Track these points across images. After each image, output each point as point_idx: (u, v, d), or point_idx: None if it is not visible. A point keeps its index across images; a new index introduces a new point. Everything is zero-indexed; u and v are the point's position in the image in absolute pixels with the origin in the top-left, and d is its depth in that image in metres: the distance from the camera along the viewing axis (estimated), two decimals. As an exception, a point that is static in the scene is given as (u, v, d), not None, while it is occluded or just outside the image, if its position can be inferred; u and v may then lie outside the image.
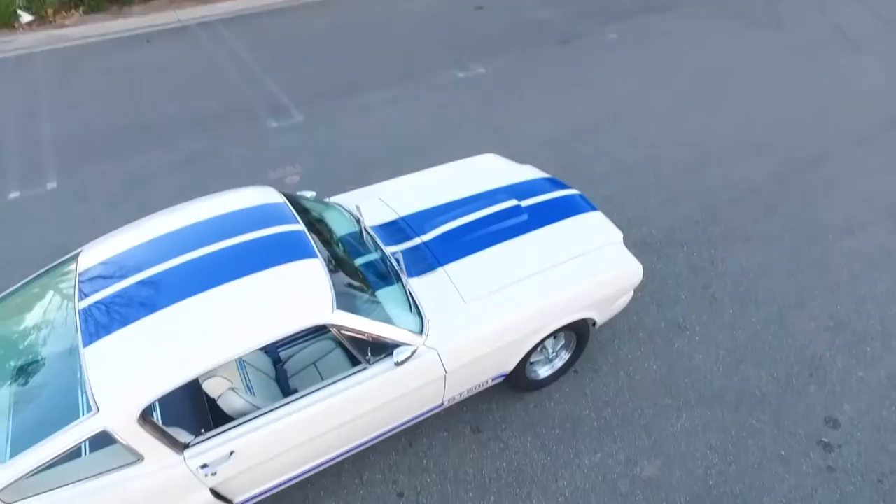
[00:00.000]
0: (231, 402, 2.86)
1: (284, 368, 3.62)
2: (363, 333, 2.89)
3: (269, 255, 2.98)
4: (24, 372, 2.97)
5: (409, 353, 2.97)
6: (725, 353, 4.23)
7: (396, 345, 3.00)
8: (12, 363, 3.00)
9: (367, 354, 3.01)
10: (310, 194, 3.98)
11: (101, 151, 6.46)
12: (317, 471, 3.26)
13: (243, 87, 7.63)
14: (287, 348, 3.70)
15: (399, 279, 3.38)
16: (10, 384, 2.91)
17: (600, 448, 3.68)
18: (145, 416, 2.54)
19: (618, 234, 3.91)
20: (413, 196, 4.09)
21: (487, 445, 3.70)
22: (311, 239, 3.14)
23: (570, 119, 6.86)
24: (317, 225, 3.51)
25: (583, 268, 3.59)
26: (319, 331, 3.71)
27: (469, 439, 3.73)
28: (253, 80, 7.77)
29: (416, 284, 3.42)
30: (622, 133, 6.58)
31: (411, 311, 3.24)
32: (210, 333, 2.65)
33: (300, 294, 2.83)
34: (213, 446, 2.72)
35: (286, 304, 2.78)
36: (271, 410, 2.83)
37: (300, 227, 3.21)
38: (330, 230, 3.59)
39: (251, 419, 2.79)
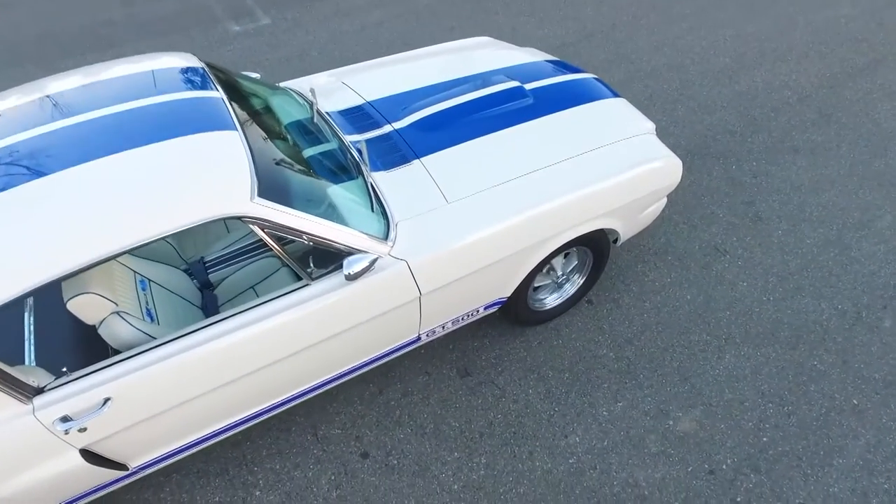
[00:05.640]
0: (115, 330, 2.03)
1: (214, 294, 2.78)
2: (299, 234, 2.04)
3: (172, 123, 2.11)
4: None
5: (366, 264, 2.12)
6: (776, 280, 3.40)
7: (350, 252, 2.16)
8: None
9: (310, 266, 2.17)
10: (253, 76, 3.07)
11: (32, 59, 5.48)
12: (251, 423, 2.46)
13: (200, -12, 6.56)
14: (219, 269, 2.85)
15: (360, 173, 2.52)
16: None
17: (622, 396, 2.88)
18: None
19: (649, 124, 3.01)
20: (386, 78, 3.18)
21: (478, 392, 2.90)
22: (232, 110, 2.26)
23: (580, 22, 5.86)
24: (257, 109, 2.61)
25: (605, 161, 2.72)
26: (258, 246, 2.88)
27: (455, 385, 2.93)
28: (212, -20, 6.69)
29: (382, 179, 2.56)
30: (642, 38, 5.59)
31: (373, 210, 2.38)
32: (74, 222, 1.79)
33: (207, 174, 1.97)
34: (78, 391, 1.89)
35: (187, 185, 1.92)
36: (167, 342, 2.00)
37: (218, 94, 2.32)
38: (275, 118, 2.69)
39: (135, 354, 1.97)
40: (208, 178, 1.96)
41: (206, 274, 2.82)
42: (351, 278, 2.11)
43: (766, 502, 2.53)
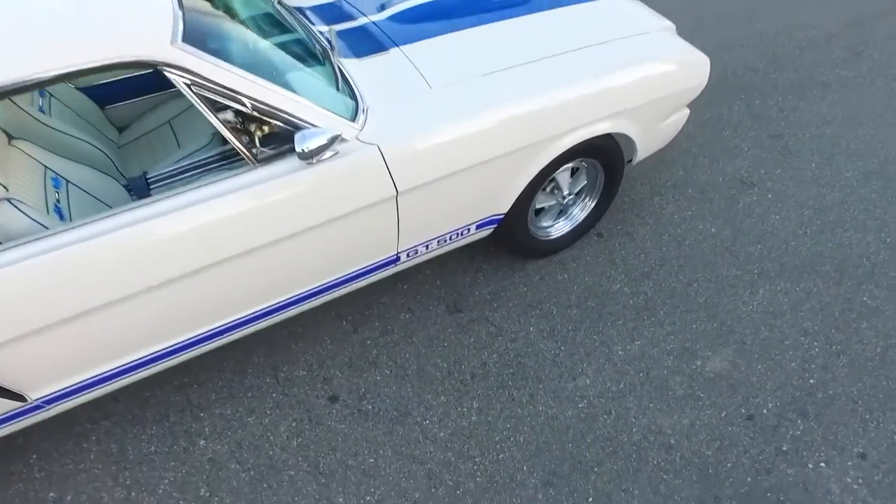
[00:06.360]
0: (2, 219, 1.60)
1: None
2: (236, 96, 1.62)
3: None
4: None
5: (324, 141, 1.69)
6: (812, 213, 2.96)
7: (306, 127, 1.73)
8: None
9: (256, 146, 1.74)
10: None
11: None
12: (189, 354, 2.01)
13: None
14: (163, 185, 2.41)
15: (327, 60, 2.09)
16: None
17: (639, 334, 2.45)
18: None
19: (667, 23, 2.59)
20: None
21: (470, 330, 2.46)
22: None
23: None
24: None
25: (616, 53, 2.30)
26: (213, 161, 2.44)
27: (443, 322, 2.49)
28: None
29: (353, 66, 2.14)
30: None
31: (339, 89, 1.95)
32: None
33: (121, 8, 1.55)
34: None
35: (95, 19, 1.52)
36: (65, 230, 1.56)
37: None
38: (231, 7, 2.26)
39: (20, 243, 1.53)
40: (121, 12, 1.54)
41: (149, 190, 2.38)
42: (305, 157, 1.68)
43: (819, 452, 2.09)
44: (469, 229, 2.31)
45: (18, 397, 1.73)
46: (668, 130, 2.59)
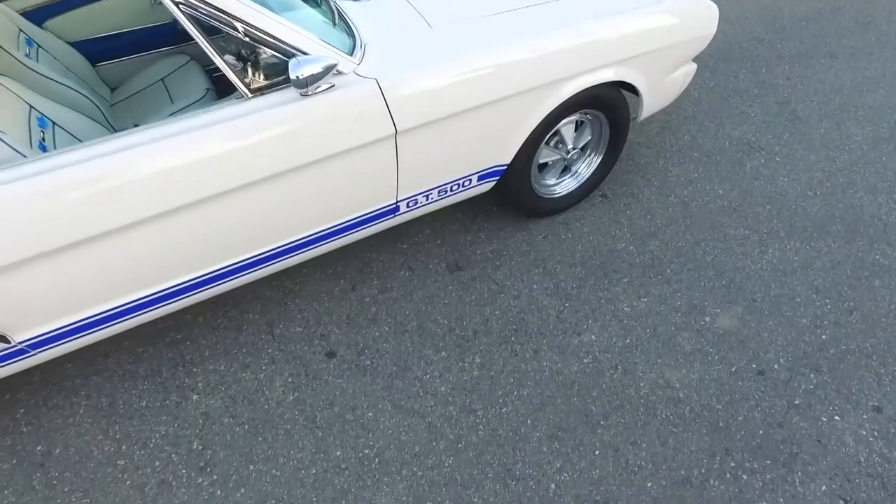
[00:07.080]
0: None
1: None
2: (230, 20, 1.55)
3: None
4: None
5: (319, 69, 1.62)
6: (822, 176, 2.89)
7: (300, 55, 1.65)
8: None
9: (248, 76, 1.67)
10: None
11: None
12: (181, 301, 1.94)
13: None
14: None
15: (325, 1, 2.03)
16: None
17: (646, 291, 2.38)
18: None
19: (674, -26, 2.51)
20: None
21: (472, 288, 2.39)
22: None
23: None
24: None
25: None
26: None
27: (444, 280, 2.42)
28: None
29: (351, 7, 2.07)
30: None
31: (336, 25, 1.88)
32: None
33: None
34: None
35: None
36: (41, 159, 1.49)
37: None
38: None
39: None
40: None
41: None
42: (300, 85, 1.61)
43: (832, 406, 2.02)
44: (471, 180, 2.23)
45: (2, 339, 1.66)
46: (675, 85, 2.52)
